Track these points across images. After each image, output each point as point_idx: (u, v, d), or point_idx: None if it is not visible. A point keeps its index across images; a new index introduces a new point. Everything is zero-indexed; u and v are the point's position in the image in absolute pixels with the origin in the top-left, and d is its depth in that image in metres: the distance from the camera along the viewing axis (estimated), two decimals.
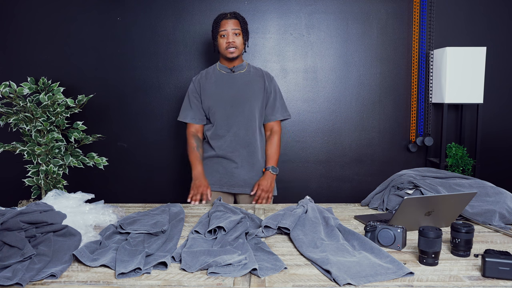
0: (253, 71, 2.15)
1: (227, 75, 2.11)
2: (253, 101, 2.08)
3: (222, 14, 2.07)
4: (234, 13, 2.06)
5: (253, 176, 2.10)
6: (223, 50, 2.05)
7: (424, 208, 1.37)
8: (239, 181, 2.09)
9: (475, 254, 1.20)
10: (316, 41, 2.83)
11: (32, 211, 1.24)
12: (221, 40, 2.04)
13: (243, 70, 2.13)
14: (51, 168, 2.34)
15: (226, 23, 2.02)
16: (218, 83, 2.10)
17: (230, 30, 2.01)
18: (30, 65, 2.82)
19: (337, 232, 1.34)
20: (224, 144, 2.08)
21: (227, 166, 2.09)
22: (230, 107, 2.07)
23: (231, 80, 2.10)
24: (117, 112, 2.87)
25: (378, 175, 2.87)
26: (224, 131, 2.08)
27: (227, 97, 2.07)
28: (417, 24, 2.79)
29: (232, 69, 2.11)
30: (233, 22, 2.02)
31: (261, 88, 2.11)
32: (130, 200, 2.85)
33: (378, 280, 1.05)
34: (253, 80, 2.11)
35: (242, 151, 2.08)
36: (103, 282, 1.07)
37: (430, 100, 2.82)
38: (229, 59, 2.07)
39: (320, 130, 2.89)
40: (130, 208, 1.78)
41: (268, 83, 2.14)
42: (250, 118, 2.08)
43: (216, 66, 2.16)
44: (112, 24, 2.80)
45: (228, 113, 2.07)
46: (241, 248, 1.23)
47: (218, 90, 2.08)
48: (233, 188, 2.10)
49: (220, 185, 2.11)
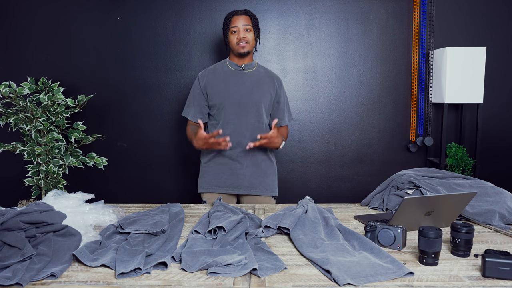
0: (263, 71, 2.13)
1: (236, 72, 2.09)
2: (261, 100, 2.06)
3: (234, 11, 2.07)
4: (245, 10, 2.07)
5: (258, 176, 2.09)
6: (234, 45, 2.03)
7: (424, 208, 1.37)
8: (244, 182, 2.08)
9: (475, 254, 1.20)
10: (316, 41, 2.83)
11: (32, 211, 1.24)
12: (232, 36, 2.03)
13: (253, 69, 2.11)
14: (51, 168, 2.34)
15: (237, 19, 2.02)
16: (227, 80, 2.07)
17: (241, 26, 2.00)
18: (30, 65, 2.82)
19: (337, 232, 1.34)
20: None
21: (233, 167, 2.07)
22: (238, 105, 2.04)
23: (241, 78, 2.07)
24: (117, 112, 2.87)
25: (378, 175, 2.87)
26: (230, 130, 2.05)
27: (236, 95, 2.04)
28: (417, 24, 2.80)
29: (242, 66, 2.08)
30: (244, 18, 2.02)
31: (270, 89, 2.10)
32: (130, 200, 2.85)
33: (378, 280, 1.05)
34: (262, 80, 2.09)
35: (248, 151, 2.06)
36: (103, 282, 1.07)
37: (430, 100, 2.82)
38: (241, 55, 2.04)
39: (320, 130, 2.89)
40: (130, 208, 1.78)
41: (279, 87, 2.14)
42: (258, 118, 2.06)
43: (225, 62, 2.13)
44: (112, 24, 2.80)
45: (236, 112, 2.04)
46: (241, 248, 1.23)
47: (227, 88, 2.06)
48: (238, 189, 2.09)
49: (225, 187, 2.08)
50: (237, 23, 2.01)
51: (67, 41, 2.81)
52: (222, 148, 1.90)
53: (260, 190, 2.10)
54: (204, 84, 2.09)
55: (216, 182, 2.09)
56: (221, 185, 2.09)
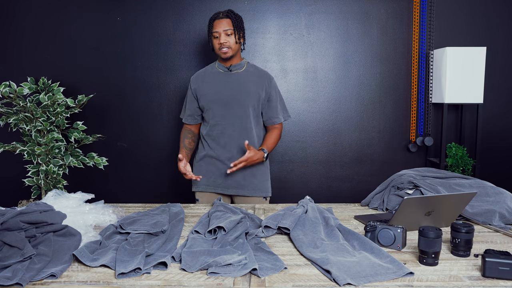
0: (252, 71, 2.12)
1: (224, 74, 2.10)
2: (247, 101, 2.05)
3: (216, 13, 2.04)
4: (227, 12, 2.03)
5: (246, 177, 2.09)
6: (217, 50, 2.04)
7: (424, 208, 1.37)
8: (232, 182, 2.08)
9: (475, 254, 1.20)
10: (316, 41, 2.83)
11: (32, 211, 1.24)
12: (215, 40, 2.03)
13: (241, 69, 2.11)
14: (51, 168, 2.34)
15: (218, 23, 2.00)
16: (214, 82, 2.09)
17: (221, 31, 1.99)
18: (30, 65, 2.82)
19: (337, 232, 1.34)
20: (218, 145, 2.07)
21: (221, 168, 2.08)
22: (224, 107, 2.05)
23: (227, 80, 2.08)
24: (117, 112, 2.87)
25: (378, 175, 2.87)
26: (218, 131, 2.07)
27: (222, 97, 2.05)
28: (417, 24, 2.79)
29: (229, 68, 2.09)
30: (225, 22, 2.00)
31: (258, 88, 2.08)
32: (130, 200, 2.85)
33: (378, 280, 1.05)
34: (250, 80, 2.09)
35: (236, 152, 2.06)
36: (103, 282, 1.07)
37: (430, 100, 2.82)
38: (224, 59, 2.07)
39: (320, 130, 2.89)
40: (130, 208, 1.78)
41: (268, 84, 2.11)
42: (245, 119, 2.05)
43: (214, 65, 2.15)
44: (112, 24, 2.80)
45: (222, 113, 2.06)
46: (241, 248, 1.23)
47: (213, 90, 2.07)
48: (228, 189, 2.09)
49: (214, 187, 2.10)
50: (218, 28, 1.99)
51: (67, 41, 2.81)
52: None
53: (248, 191, 2.09)
54: (194, 87, 2.12)
55: (206, 182, 2.11)
56: (210, 185, 2.11)
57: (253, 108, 2.07)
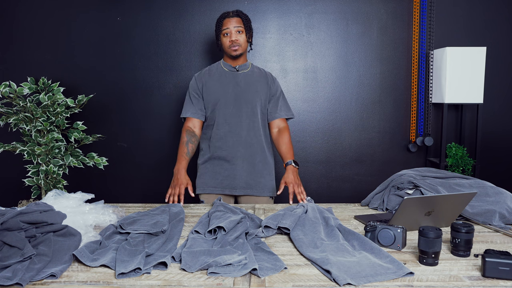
0: (257, 72, 2.14)
1: (230, 73, 2.10)
2: (256, 101, 2.07)
3: (225, 13, 2.07)
4: (237, 11, 2.06)
5: (254, 177, 2.09)
6: (226, 48, 2.04)
7: (424, 208, 1.37)
8: (240, 182, 2.07)
9: (475, 254, 1.20)
10: (316, 41, 2.83)
11: (32, 211, 1.24)
12: (224, 38, 2.04)
13: (247, 69, 2.12)
14: (51, 168, 2.34)
15: (228, 21, 2.02)
16: (221, 80, 2.09)
17: (232, 28, 2.01)
18: (30, 65, 2.82)
19: (337, 232, 1.34)
20: (225, 145, 2.06)
21: (229, 168, 2.07)
22: (232, 106, 2.06)
23: (235, 79, 2.09)
24: (117, 112, 2.87)
25: (378, 175, 2.87)
26: (225, 131, 2.06)
27: (230, 96, 2.06)
28: (417, 24, 2.80)
29: (237, 67, 2.10)
30: (236, 20, 2.03)
31: (264, 88, 2.10)
32: (130, 200, 2.85)
33: (378, 280, 1.05)
34: (256, 80, 2.10)
35: (244, 152, 2.06)
36: (103, 282, 1.07)
37: (430, 100, 2.82)
38: (233, 57, 2.06)
39: (320, 130, 2.89)
40: (130, 208, 1.78)
41: (271, 84, 2.14)
42: (253, 118, 2.07)
43: (220, 64, 2.14)
44: (112, 24, 2.81)
45: (231, 112, 2.05)
46: (241, 248, 1.23)
47: (222, 88, 2.07)
48: (235, 190, 2.08)
49: (222, 188, 2.08)
50: (229, 26, 2.01)
51: (67, 41, 2.81)
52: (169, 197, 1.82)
53: (256, 191, 2.09)
54: (201, 85, 2.10)
55: (213, 183, 2.09)
56: (217, 186, 2.09)
57: (260, 108, 2.08)
